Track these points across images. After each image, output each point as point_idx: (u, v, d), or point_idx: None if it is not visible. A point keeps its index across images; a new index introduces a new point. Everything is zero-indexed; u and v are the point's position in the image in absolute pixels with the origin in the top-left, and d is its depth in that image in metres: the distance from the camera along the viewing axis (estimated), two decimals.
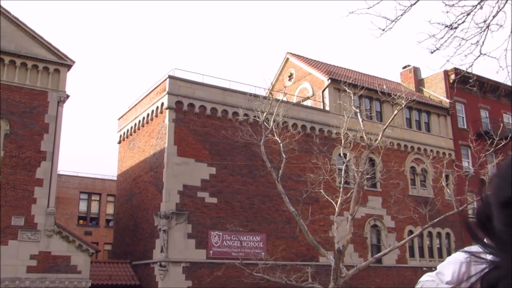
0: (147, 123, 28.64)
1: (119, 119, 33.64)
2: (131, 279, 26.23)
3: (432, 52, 6.52)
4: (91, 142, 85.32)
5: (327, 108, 32.05)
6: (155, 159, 26.94)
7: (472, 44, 7.08)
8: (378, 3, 6.39)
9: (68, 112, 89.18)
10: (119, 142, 33.26)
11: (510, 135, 38.36)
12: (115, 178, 36.37)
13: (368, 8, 6.51)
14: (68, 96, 24.66)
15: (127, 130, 31.66)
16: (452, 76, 38.52)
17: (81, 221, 40.28)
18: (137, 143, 30.03)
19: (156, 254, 24.89)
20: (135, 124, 30.32)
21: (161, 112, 26.93)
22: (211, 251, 25.40)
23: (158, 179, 26.18)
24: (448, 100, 38.46)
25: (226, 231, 25.74)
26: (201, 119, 26.93)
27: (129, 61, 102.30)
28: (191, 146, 26.25)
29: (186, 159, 25.91)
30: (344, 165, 23.49)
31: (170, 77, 26.82)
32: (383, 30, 6.69)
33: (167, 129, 25.93)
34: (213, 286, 24.86)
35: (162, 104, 26.74)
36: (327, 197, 22.64)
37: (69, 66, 24.84)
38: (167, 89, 26.52)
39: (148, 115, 28.46)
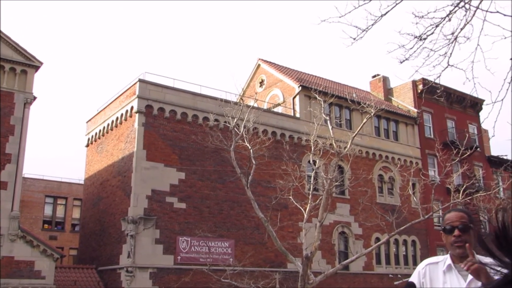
0: (116, 126, 28.30)
1: (87, 122, 33.15)
2: (97, 284, 25.79)
3: (401, 62, 6.62)
4: (58, 145, 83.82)
5: (298, 115, 32.24)
6: (124, 163, 26.62)
7: (440, 55, 7.21)
8: (349, 12, 6.47)
9: (34, 114, 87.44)
10: (87, 146, 32.76)
11: (475, 145, 39.37)
12: (82, 182, 35.80)
13: (339, 17, 6.58)
14: (35, 98, 24.18)
15: (95, 134, 31.22)
16: (420, 86, 39.29)
17: (46, 226, 39.42)
18: (105, 147, 29.63)
19: (123, 260, 24.54)
20: (104, 128, 29.92)
21: (131, 116, 26.65)
22: (179, 257, 25.18)
23: (126, 183, 25.86)
24: (415, 110, 39.17)
25: (195, 236, 25.58)
26: (171, 124, 26.75)
27: (99, 64, 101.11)
28: (161, 151, 26.04)
29: (155, 164, 25.67)
30: (314, 172, 23.67)
31: (140, 80, 26.58)
32: (354, 39, 6.77)
33: (136, 133, 25.66)
34: None
35: (132, 107, 26.47)
36: (296, 203, 22.74)
37: (36, 67, 24.38)
38: (137, 93, 26.28)
39: (117, 118, 28.12)
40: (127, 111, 26.98)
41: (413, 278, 3.39)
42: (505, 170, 38.86)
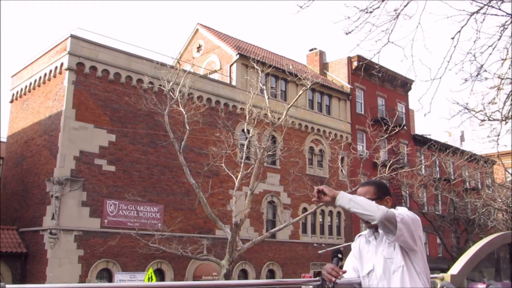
0: (44, 83, 27.02)
1: (12, 76, 31.43)
2: (18, 246, 24.90)
3: (347, 33, 6.66)
4: None
5: (234, 83, 32.08)
6: (51, 122, 25.55)
7: (382, 31, 7.30)
8: None
9: None
10: (11, 101, 31.13)
11: (402, 123, 40.92)
12: (4, 140, 34.12)
13: None
14: None
15: (21, 89, 29.67)
16: (355, 63, 40.07)
17: None
18: (32, 104, 28.27)
19: (47, 221, 23.78)
20: (31, 83, 28.47)
21: (60, 73, 25.50)
22: (105, 220, 24.71)
23: (52, 143, 24.88)
24: (349, 86, 40.00)
25: (123, 200, 25.13)
26: (103, 84, 25.85)
27: (29, 16, 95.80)
28: (91, 111, 25.17)
29: (84, 124, 24.82)
30: (247, 140, 23.75)
31: (72, 36, 25.37)
32: (301, 7, 6.73)
33: (66, 91, 24.62)
34: (106, 256, 24.29)
35: (62, 64, 25.31)
36: (227, 171, 22.82)
37: None
38: (68, 49, 25.10)
39: (45, 74, 26.82)
40: (56, 67, 25.78)
41: (351, 252, 3.66)
42: (428, 148, 40.75)
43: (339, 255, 3.32)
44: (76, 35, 25.58)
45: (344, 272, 3.22)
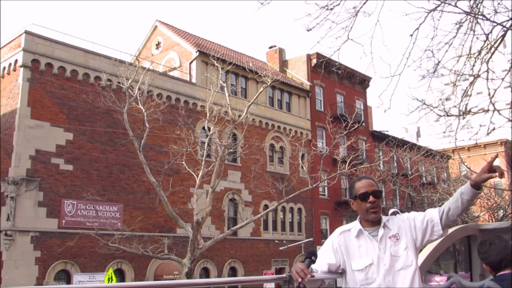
0: None
1: None
2: None
3: (308, 30, 6.69)
4: None
5: (194, 80, 31.88)
6: (5, 121, 24.80)
7: (342, 28, 7.37)
8: None
9: None
10: None
11: (361, 120, 41.60)
12: None
13: None
14: None
15: None
16: (314, 60, 40.44)
17: None
18: None
19: (2, 223, 23.04)
20: None
21: (14, 70, 24.77)
22: (63, 220, 24.17)
23: (7, 142, 24.16)
24: (308, 83, 40.35)
25: (82, 200, 24.63)
26: (60, 81, 25.25)
27: None
28: (47, 109, 24.55)
29: (40, 123, 24.19)
30: (208, 138, 23.66)
31: (26, 32, 24.67)
32: (262, 4, 6.72)
33: (21, 89, 23.93)
34: (64, 257, 23.78)
35: (16, 61, 24.59)
36: (188, 169, 22.68)
37: None
38: (22, 45, 24.40)
39: None
40: (10, 64, 25.03)
41: (326, 247, 3.46)
42: (386, 144, 41.55)
43: (313, 258, 3.22)
44: (31, 31, 24.90)
45: (312, 276, 3.11)
